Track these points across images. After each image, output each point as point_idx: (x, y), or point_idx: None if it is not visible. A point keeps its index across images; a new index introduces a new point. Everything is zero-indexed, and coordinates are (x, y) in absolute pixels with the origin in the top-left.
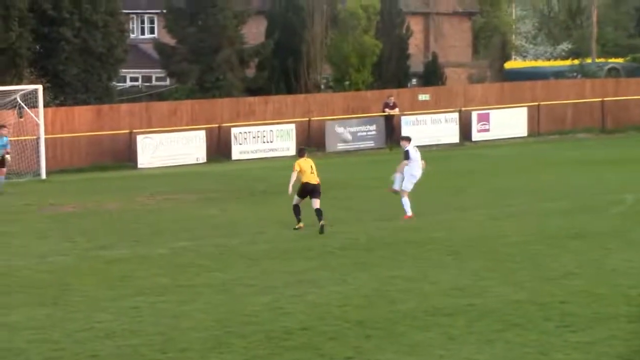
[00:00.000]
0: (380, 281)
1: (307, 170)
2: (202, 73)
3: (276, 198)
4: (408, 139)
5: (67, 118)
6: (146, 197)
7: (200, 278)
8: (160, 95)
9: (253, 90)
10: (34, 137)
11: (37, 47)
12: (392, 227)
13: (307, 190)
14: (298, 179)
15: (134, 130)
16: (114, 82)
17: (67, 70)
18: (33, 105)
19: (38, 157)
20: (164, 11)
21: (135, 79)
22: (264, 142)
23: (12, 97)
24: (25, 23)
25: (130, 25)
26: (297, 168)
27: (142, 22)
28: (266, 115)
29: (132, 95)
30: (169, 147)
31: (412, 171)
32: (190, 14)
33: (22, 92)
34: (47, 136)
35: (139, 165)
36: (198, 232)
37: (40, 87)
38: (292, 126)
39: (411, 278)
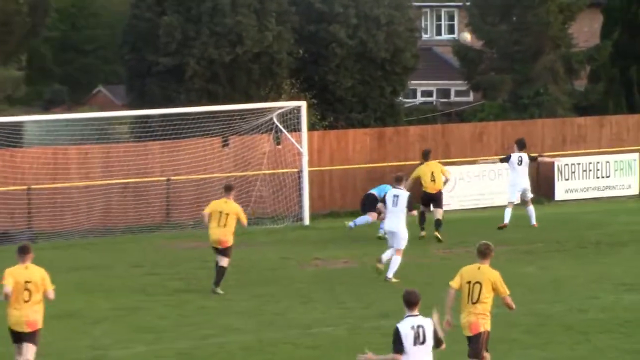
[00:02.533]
0: None
1: (427, 177)
2: (517, 85)
3: (614, 251)
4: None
5: (339, 145)
6: (442, 250)
7: (512, 356)
8: (461, 115)
9: (583, 108)
10: (295, 169)
11: (300, 51)
12: None
13: (425, 199)
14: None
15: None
16: (400, 98)
17: (338, 82)
18: (294, 128)
19: (300, 196)
20: (467, 4)
21: (429, 94)
22: (597, 178)
23: (267, 117)
24: (285, 20)
25: (422, 23)
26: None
27: (439, 18)
28: (601, 141)
29: (425, 115)
30: (472, 183)
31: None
32: (501, 7)
33: (280, 110)
34: (312, 169)
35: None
36: (512, 295)
37: (303, 104)
38: (635, 156)
39: None
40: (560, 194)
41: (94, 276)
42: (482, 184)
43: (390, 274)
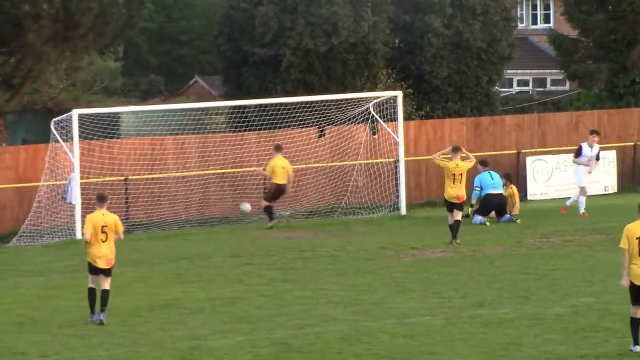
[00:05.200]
0: None
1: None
2: (613, 74)
3: None
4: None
5: (435, 134)
6: (538, 239)
7: (607, 346)
8: (557, 104)
9: None
10: (391, 159)
11: (396, 41)
12: None
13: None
14: None
15: (523, 150)
16: (496, 87)
17: (435, 72)
18: (390, 117)
19: (397, 185)
20: None
21: (525, 83)
22: None
23: (364, 107)
24: (381, 10)
25: (519, 12)
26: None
27: (534, 7)
28: None
29: (521, 104)
30: (569, 172)
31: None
32: None
33: (376, 100)
34: (409, 158)
35: (529, 196)
36: (606, 285)
37: (399, 94)
38: None
39: None
40: None
41: (191, 266)
42: None
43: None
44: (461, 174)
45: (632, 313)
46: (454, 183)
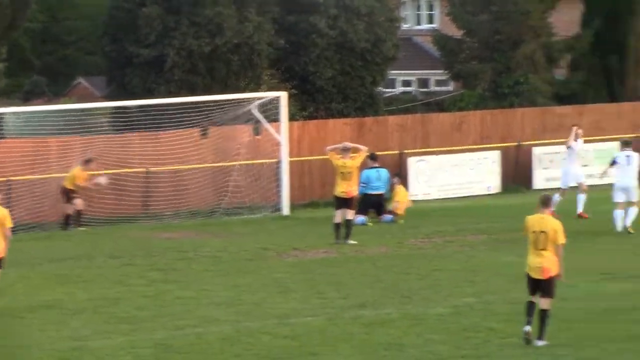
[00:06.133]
0: None
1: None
2: (496, 75)
3: (594, 241)
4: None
5: (319, 135)
6: (420, 240)
7: (489, 346)
8: (440, 105)
9: (564, 97)
10: (274, 160)
11: (281, 42)
12: None
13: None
14: None
15: (406, 151)
16: (380, 88)
17: (319, 73)
18: (274, 118)
19: (279, 186)
20: None
21: (409, 83)
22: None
23: (247, 108)
24: (266, 11)
25: (403, 12)
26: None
27: (418, 8)
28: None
29: (404, 105)
30: (451, 172)
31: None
32: None
33: (260, 101)
34: (292, 159)
35: (411, 196)
36: (488, 285)
37: (283, 95)
38: (615, 145)
39: None
40: (539, 182)
41: (72, 267)
42: (461, 173)
43: (628, 223)
44: (350, 172)
45: (528, 298)
46: (343, 180)
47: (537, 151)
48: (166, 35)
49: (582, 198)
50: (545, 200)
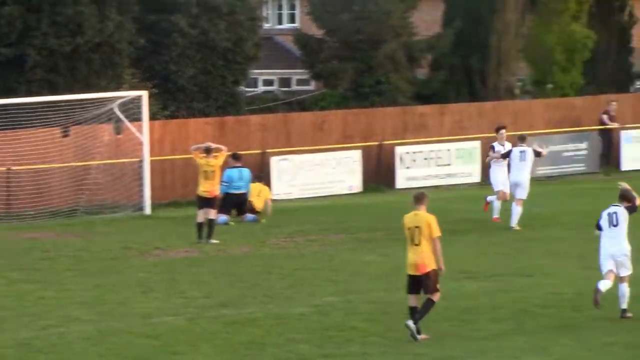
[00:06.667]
0: (592, 349)
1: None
2: (358, 74)
3: (455, 240)
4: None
5: (180, 134)
6: (282, 239)
7: (353, 345)
8: (302, 104)
9: (425, 96)
10: (136, 159)
11: (141, 41)
12: None
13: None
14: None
15: (268, 150)
16: (242, 87)
17: (180, 72)
18: (135, 117)
19: (141, 185)
20: None
21: (270, 83)
22: (438, 166)
23: (108, 107)
24: (127, 10)
25: (264, 12)
26: None
27: (280, 7)
28: (442, 129)
29: (266, 104)
30: (313, 172)
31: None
32: None
33: (121, 100)
34: (153, 158)
35: (273, 196)
36: (350, 284)
37: (144, 94)
38: (477, 144)
39: (634, 345)
40: (401, 182)
41: None
42: (323, 172)
43: (513, 223)
44: (213, 171)
45: (408, 302)
46: (205, 180)
47: (399, 150)
48: (27, 34)
49: (497, 204)
50: (418, 197)
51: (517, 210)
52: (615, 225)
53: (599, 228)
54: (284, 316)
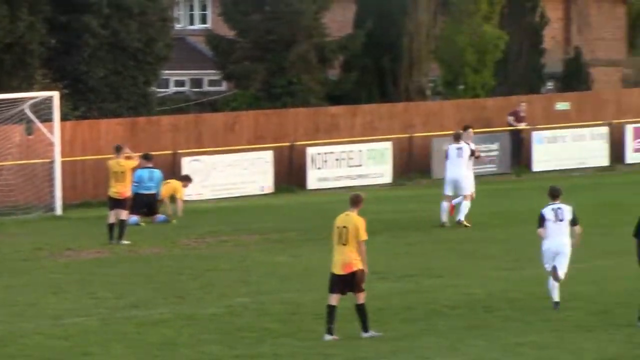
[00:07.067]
0: (503, 350)
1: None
2: (270, 75)
3: (367, 241)
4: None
5: (91, 135)
6: (194, 240)
7: (263, 346)
8: (214, 105)
9: (337, 97)
10: (47, 160)
11: (53, 41)
12: (519, 278)
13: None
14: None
15: (179, 151)
16: (153, 88)
17: (91, 72)
18: (46, 118)
19: (52, 186)
20: None
21: (182, 83)
22: (350, 166)
23: (19, 108)
24: (38, 10)
25: (176, 13)
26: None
27: (191, 8)
28: (354, 130)
29: (178, 105)
30: (225, 172)
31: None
32: None
33: (32, 101)
34: (65, 159)
35: (185, 197)
36: (261, 285)
37: (56, 95)
38: (388, 145)
39: (544, 345)
40: (313, 183)
41: None
42: (235, 173)
43: (461, 217)
44: (124, 172)
45: (329, 300)
46: (116, 181)
47: (310, 151)
48: None
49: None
50: (352, 199)
51: (464, 204)
52: (561, 220)
53: (542, 226)
54: (196, 317)
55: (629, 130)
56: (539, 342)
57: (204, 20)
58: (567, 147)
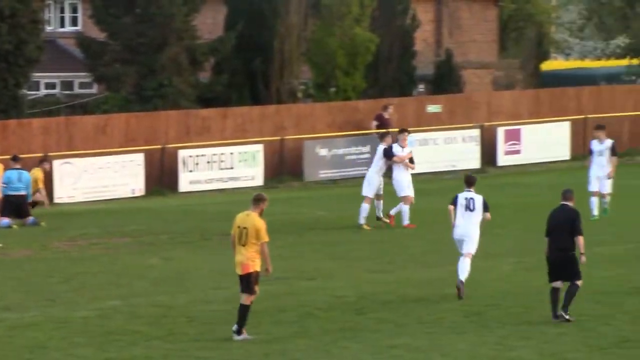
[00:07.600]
0: (376, 352)
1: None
2: (141, 77)
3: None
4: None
5: None
6: (65, 242)
7: (135, 349)
8: (84, 107)
9: (208, 99)
10: None
11: None
12: (392, 280)
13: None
14: None
15: (50, 154)
16: (24, 90)
17: None
18: None
19: None
20: None
21: (52, 86)
22: (221, 169)
23: None
24: None
25: (47, 15)
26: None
27: (62, 10)
28: (225, 133)
29: (48, 107)
30: (96, 175)
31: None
32: None
33: None
34: None
35: (56, 200)
36: (133, 288)
37: None
38: (260, 147)
39: (417, 348)
40: (184, 185)
41: None
42: (106, 176)
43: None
44: None
45: (241, 299)
46: None
47: (182, 154)
48: None
49: (406, 209)
50: (255, 199)
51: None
52: (472, 210)
53: (453, 204)
54: (67, 320)
55: (501, 132)
56: (412, 344)
57: (74, 22)
58: (438, 149)
